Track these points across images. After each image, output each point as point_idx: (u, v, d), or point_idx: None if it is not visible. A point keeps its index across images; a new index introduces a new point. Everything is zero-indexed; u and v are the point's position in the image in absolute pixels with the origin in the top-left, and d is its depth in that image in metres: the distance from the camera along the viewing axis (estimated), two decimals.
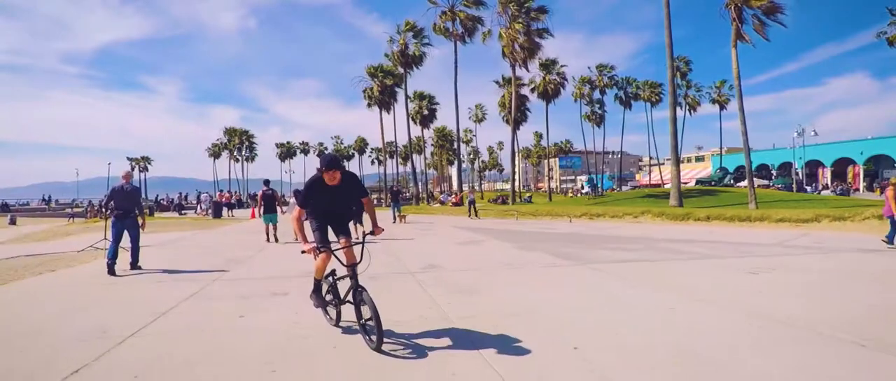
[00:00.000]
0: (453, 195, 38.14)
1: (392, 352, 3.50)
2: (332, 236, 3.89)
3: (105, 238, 10.47)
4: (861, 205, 16.17)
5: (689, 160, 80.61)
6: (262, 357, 3.42)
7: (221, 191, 46.78)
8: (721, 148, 64.52)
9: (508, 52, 26.25)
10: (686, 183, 47.80)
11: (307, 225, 3.88)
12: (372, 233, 3.92)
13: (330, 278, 4.05)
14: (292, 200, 14.43)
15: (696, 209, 17.10)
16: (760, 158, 69.17)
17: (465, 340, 3.79)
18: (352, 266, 3.73)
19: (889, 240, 9.22)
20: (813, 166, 58.96)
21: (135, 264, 7.44)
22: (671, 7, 20.00)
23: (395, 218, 19.45)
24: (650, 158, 69.19)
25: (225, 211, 27.76)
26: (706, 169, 67.74)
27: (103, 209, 10.02)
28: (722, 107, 58.55)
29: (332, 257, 3.75)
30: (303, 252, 3.64)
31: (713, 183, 49.00)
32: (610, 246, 10.12)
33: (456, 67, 31.64)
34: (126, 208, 7.20)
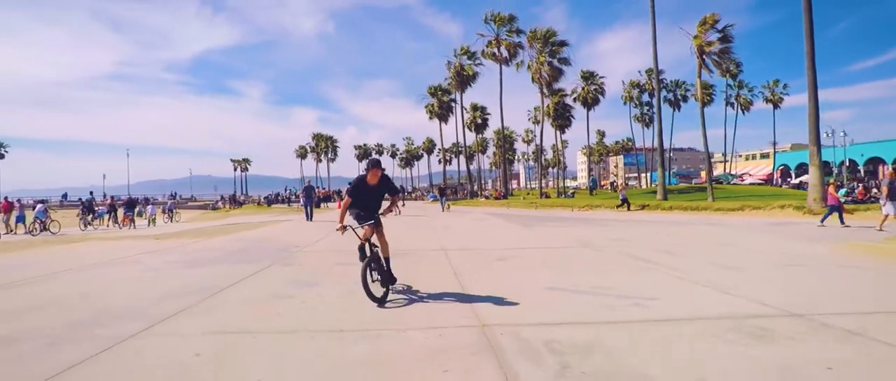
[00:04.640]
0: (495, 191, 45.41)
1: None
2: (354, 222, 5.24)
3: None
4: (783, 198, 20.80)
5: (752, 157, 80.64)
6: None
7: (319, 188, 57.05)
8: (774, 145, 65.13)
9: (536, 78, 32.69)
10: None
11: (347, 212, 5.46)
12: (385, 211, 5.19)
13: (367, 246, 5.26)
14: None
15: (666, 201, 22.44)
16: (825, 156, 68.18)
17: (439, 246, 10.61)
18: (367, 240, 5.08)
19: (822, 222, 12.44)
20: (875, 163, 58.18)
21: (310, 219, 16.10)
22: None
23: (442, 207, 26.56)
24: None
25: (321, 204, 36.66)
26: (768, 168, 68.41)
27: (296, 196, 19.61)
28: (775, 106, 59.74)
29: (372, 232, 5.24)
30: (336, 229, 5.04)
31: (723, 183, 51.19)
32: (562, 221, 16.34)
33: (501, 85, 38.42)
34: (308, 194, 16.75)
